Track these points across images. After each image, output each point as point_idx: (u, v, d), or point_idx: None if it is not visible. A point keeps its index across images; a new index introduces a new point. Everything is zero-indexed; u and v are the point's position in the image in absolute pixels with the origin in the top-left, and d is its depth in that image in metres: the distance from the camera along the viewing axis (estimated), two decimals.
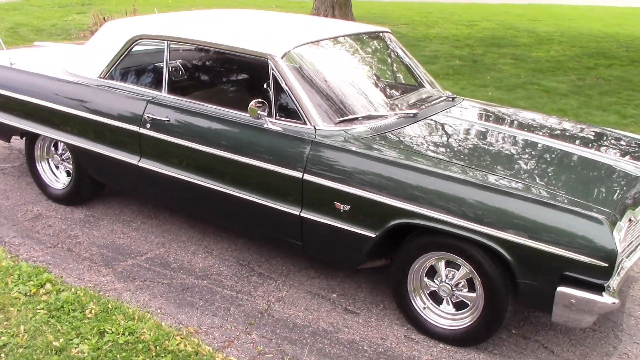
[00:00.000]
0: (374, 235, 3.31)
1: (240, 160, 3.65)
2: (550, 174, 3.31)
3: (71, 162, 4.59)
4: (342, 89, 3.80)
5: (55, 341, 3.22)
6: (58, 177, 4.81)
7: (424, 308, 3.44)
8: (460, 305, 3.36)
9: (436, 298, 3.42)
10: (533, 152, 3.57)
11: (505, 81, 11.01)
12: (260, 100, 3.53)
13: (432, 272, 3.40)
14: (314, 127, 3.51)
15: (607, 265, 2.77)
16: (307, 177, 3.44)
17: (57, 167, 4.82)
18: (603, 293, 2.84)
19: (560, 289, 2.88)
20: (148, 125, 3.99)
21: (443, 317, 3.39)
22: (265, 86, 3.73)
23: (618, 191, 3.17)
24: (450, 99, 4.34)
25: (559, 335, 3.51)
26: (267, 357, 3.21)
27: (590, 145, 3.78)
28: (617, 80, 11.25)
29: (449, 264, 3.32)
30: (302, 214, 3.51)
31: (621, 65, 12.52)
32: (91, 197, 4.77)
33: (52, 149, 4.78)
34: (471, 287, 3.27)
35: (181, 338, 3.29)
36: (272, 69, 3.62)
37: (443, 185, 3.12)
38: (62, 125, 4.41)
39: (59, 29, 13.39)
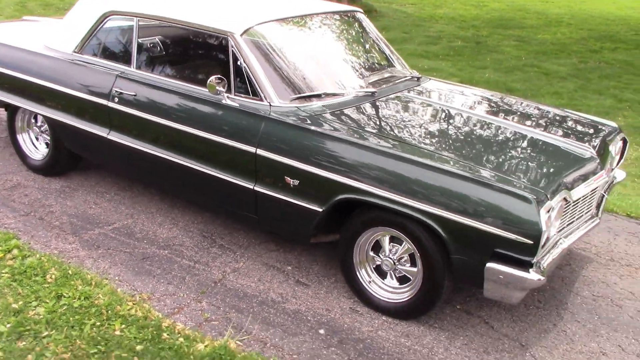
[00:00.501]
0: (321, 210, 3.41)
1: (199, 134, 3.77)
2: (490, 152, 3.38)
3: (49, 134, 4.73)
4: (301, 67, 3.88)
5: (14, 303, 3.38)
6: (38, 148, 4.96)
7: (370, 282, 3.55)
8: (403, 280, 3.47)
9: (382, 272, 3.53)
10: (479, 131, 3.64)
11: (505, 63, 11.00)
12: (219, 76, 3.63)
13: (378, 247, 3.50)
14: (269, 103, 3.60)
15: (532, 242, 2.85)
16: (260, 151, 3.54)
17: (36, 139, 4.97)
18: (530, 270, 2.92)
19: (489, 264, 2.97)
20: (116, 99, 4.12)
21: (387, 290, 3.50)
22: (226, 63, 3.81)
23: (556, 171, 3.24)
24: (415, 79, 4.40)
25: (502, 312, 3.61)
26: (213, 324, 3.35)
27: (542, 125, 3.84)
28: (620, 64, 11.19)
29: (393, 239, 3.42)
30: (255, 188, 3.62)
31: (627, 49, 12.42)
32: (69, 169, 4.92)
33: (33, 120, 4.93)
34: (413, 262, 3.37)
35: (133, 304, 3.43)
36: (232, 46, 3.72)
37: (383, 162, 3.21)
38: (39, 97, 4.56)
39: (67, 4, 13.51)
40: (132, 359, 3.05)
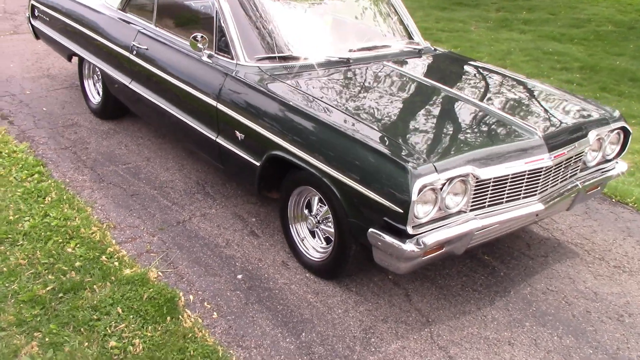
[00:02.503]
0: (258, 164, 3.60)
1: (183, 87, 4.11)
2: (414, 122, 3.35)
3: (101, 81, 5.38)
4: (278, 30, 4.03)
5: (11, 216, 3.99)
6: (99, 93, 5.64)
7: (303, 239, 3.67)
8: (329, 240, 3.55)
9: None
10: (423, 102, 3.59)
11: None
12: (200, 34, 3.93)
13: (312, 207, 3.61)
14: (236, 62, 3.83)
15: (402, 211, 2.82)
16: (219, 106, 3.80)
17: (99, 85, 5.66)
18: (407, 241, 2.88)
19: (370, 229, 2.98)
20: (134, 52, 4.60)
21: (313, 248, 3.62)
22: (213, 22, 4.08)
23: (468, 146, 3.10)
24: (417, 50, 4.35)
25: (431, 289, 3.55)
26: (151, 256, 3.71)
27: (507, 103, 3.65)
28: None
29: (322, 200, 3.51)
30: (217, 140, 3.90)
31: None
32: (118, 113, 5.53)
33: (96, 69, 5.59)
34: None
35: (97, 229, 3.90)
36: (216, 6, 4.00)
37: (301, 122, 3.32)
38: (91, 48, 5.20)
39: None
40: (69, 272, 3.50)
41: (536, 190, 3.33)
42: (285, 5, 4.19)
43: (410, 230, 2.87)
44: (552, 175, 3.39)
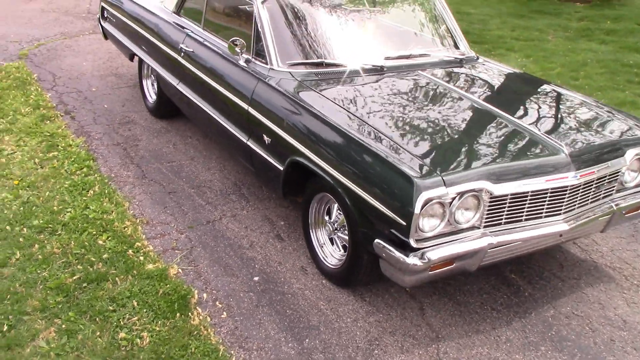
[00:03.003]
0: (282, 169, 3.64)
1: (222, 91, 4.20)
2: (435, 135, 3.27)
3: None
4: (314, 36, 4.04)
5: (55, 207, 4.22)
6: (155, 93, 5.84)
7: (322, 245, 3.67)
8: (345, 248, 3.53)
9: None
10: (449, 114, 3.49)
11: None
12: (240, 39, 4.01)
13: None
14: (270, 67, 3.89)
15: (405, 223, 2.77)
16: (250, 109, 3.87)
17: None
18: (410, 254, 2.83)
19: (376, 240, 2.95)
20: (182, 54, 4.74)
21: (331, 255, 3.60)
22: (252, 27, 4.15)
23: (485, 160, 3.01)
24: (458, 60, 4.27)
25: (448, 305, 3.46)
26: (175, 252, 3.81)
27: (538, 117, 3.52)
28: None
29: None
30: (248, 143, 3.96)
31: None
32: (172, 113, 5.69)
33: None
34: None
35: (130, 223, 4.05)
36: (255, 12, 4.07)
37: (319, 129, 3.32)
38: (147, 49, 5.40)
39: None
40: (97, 263, 3.66)
41: (560, 210, 3.19)
42: (323, 12, 4.20)
43: (413, 244, 2.81)
44: (581, 194, 3.24)
